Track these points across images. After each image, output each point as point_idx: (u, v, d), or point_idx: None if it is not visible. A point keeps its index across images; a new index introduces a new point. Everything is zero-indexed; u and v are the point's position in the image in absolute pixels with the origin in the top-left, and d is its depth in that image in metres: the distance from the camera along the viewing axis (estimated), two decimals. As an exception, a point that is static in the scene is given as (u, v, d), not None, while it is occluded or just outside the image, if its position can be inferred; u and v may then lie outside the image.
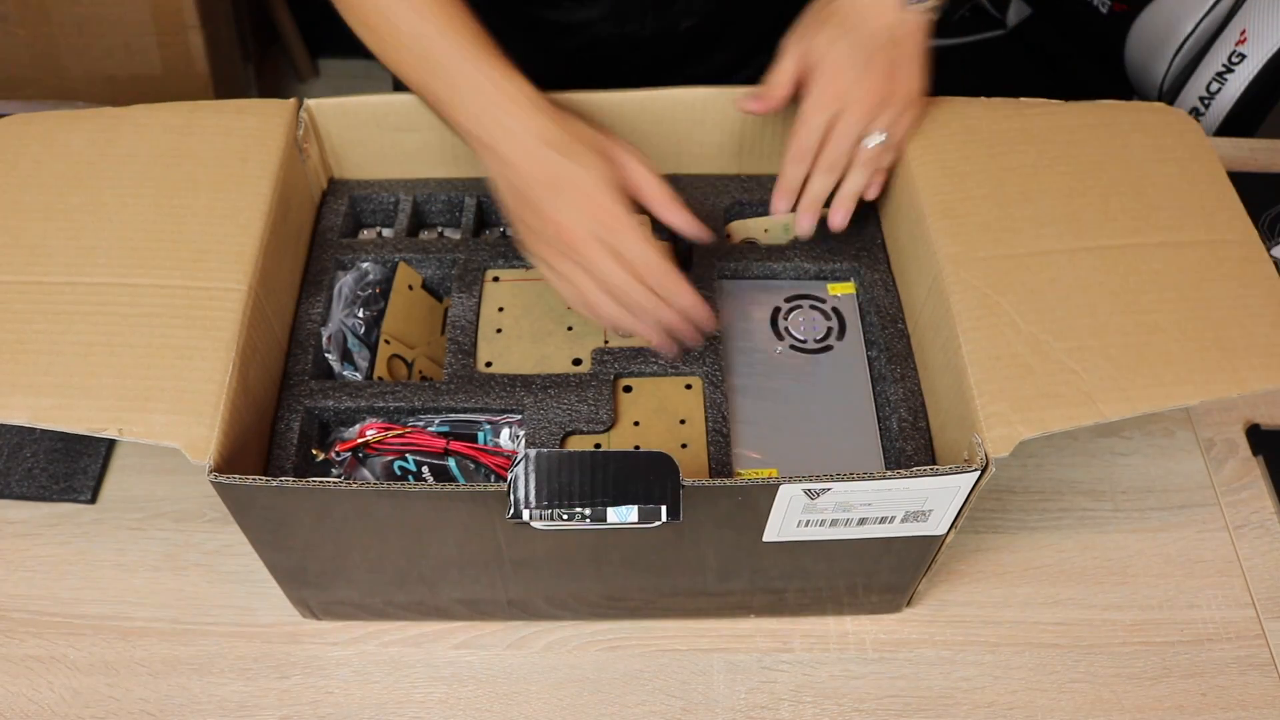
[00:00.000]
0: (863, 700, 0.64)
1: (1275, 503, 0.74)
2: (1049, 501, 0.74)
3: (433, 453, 0.62)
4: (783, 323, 0.68)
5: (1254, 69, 1.13)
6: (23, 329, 0.56)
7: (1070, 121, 0.67)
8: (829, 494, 0.52)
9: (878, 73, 0.63)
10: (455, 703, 0.63)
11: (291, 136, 0.67)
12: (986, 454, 0.52)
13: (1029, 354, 0.55)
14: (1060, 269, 0.59)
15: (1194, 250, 0.60)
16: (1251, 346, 0.56)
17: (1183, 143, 0.66)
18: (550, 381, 0.64)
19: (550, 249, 0.59)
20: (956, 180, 0.64)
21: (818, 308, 0.69)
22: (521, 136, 0.57)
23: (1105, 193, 0.63)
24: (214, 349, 0.55)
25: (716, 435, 0.63)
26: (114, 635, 0.66)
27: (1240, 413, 0.79)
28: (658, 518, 0.51)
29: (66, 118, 0.67)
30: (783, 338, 0.68)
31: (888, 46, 0.63)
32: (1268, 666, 0.66)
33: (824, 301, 0.70)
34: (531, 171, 0.57)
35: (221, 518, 0.67)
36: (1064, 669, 0.66)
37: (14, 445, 0.73)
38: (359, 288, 0.69)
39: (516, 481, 0.50)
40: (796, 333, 0.68)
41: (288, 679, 0.64)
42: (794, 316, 0.68)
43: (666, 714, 0.63)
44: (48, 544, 0.70)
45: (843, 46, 0.63)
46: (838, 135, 0.64)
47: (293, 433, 0.61)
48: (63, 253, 0.59)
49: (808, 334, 0.68)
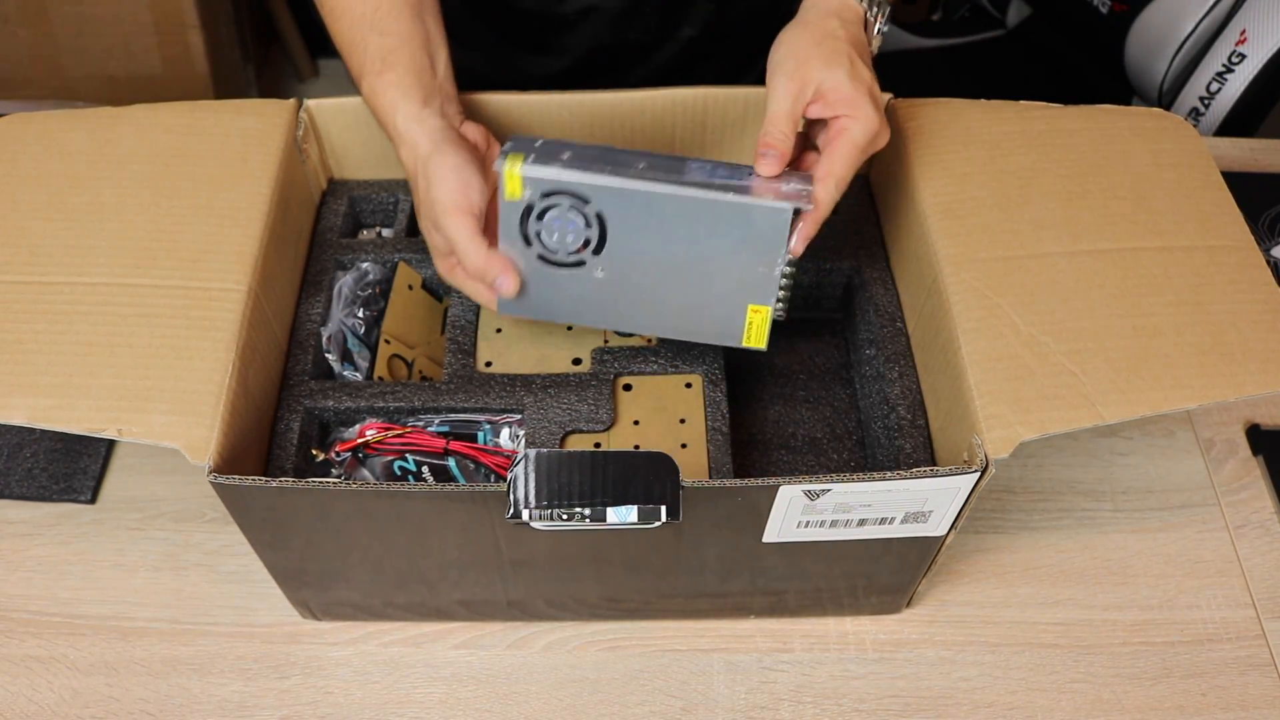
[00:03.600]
0: (863, 700, 0.64)
1: (1275, 503, 0.74)
2: (1049, 502, 0.74)
3: (433, 453, 0.62)
4: (534, 225, 0.58)
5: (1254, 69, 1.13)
6: (22, 329, 0.56)
7: (1070, 125, 0.67)
8: (829, 495, 0.52)
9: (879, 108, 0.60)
10: (455, 703, 0.63)
11: (291, 136, 0.67)
12: (986, 455, 0.52)
13: (1028, 355, 0.55)
14: (1060, 271, 0.59)
15: (1192, 255, 0.60)
16: (1249, 351, 0.56)
17: (1181, 149, 0.66)
18: (550, 381, 0.64)
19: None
20: (956, 181, 0.64)
21: (578, 209, 0.58)
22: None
23: (1104, 197, 0.63)
24: (214, 349, 0.55)
25: (716, 435, 0.63)
26: (114, 635, 0.66)
27: (1240, 413, 0.79)
28: (657, 518, 0.51)
29: (66, 118, 0.67)
30: (530, 243, 0.59)
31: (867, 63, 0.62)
32: (1268, 666, 0.66)
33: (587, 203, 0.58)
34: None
35: (221, 518, 0.67)
36: (1064, 669, 0.66)
37: (14, 445, 0.73)
38: (359, 288, 0.69)
39: (516, 481, 0.50)
40: (548, 240, 0.59)
41: (287, 679, 0.64)
42: (550, 218, 0.58)
43: (666, 714, 0.63)
44: (48, 544, 0.70)
45: (869, 83, 0.60)
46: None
47: (293, 433, 0.61)
48: (63, 253, 0.59)
49: (560, 243, 0.59)
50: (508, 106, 0.70)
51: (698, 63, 0.88)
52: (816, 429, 0.71)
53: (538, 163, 0.56)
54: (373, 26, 0.63)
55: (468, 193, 0.58)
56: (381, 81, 0.62)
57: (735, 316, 0.61)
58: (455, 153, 0.59)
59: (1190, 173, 0.65)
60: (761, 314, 0.61)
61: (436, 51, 0.65)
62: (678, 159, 0.59)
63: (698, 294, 0.60)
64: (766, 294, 0.60)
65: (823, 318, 0.75)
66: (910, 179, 0.65)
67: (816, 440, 0.70)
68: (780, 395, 0.72)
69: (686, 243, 0.58)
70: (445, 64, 0.65)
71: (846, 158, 0.58)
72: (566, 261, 0.59)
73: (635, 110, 0.71)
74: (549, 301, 0.62)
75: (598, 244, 0.58)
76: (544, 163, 0.56)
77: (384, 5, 0.63)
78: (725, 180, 0.57)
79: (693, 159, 0.59)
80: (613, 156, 0.58)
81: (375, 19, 0.63)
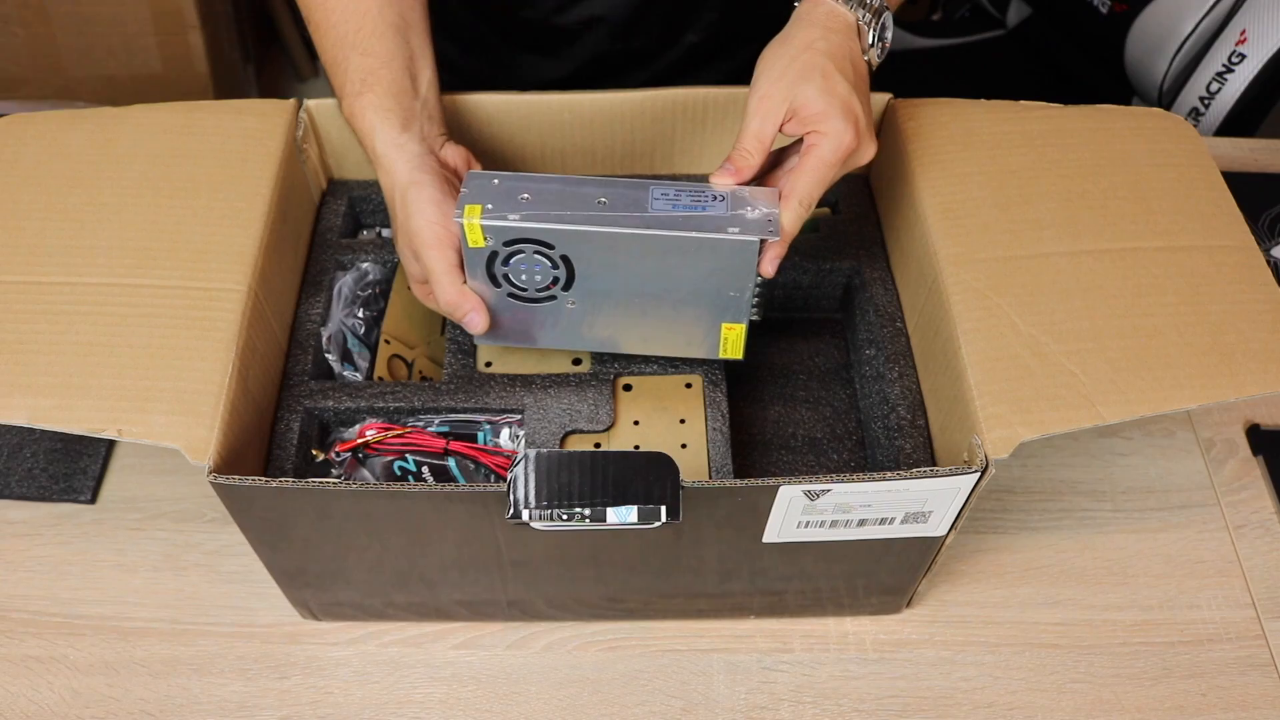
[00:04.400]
0: (863, 700, 0.64)
1: (1275, 503, 0.74)
2: (1049, 502, 0.74)
3: (433, 453, 0.62)
4: (500, 268, 0.58)
5: (1254, 69, 1.13)
6: (23, 329, 0.56)
7: (1069, 125, 0.67)
8: (829, 495, 0.52)
9: (870, 131, 0.59)
10: (455, 703, 0.63)
11: (291, 137, 0.67)
12: (986, 455, 0.52)
13: (1029, 356, 0.56)
14: (1060, 271, 0.59)
15: (1192, 255, 0.60)
16: (1249, 351, 0.56)
17: (1181, 149, 0.66)
18: (550, 381, 0.64)
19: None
20: (957, 181, 0.64)
21: (542, 253, 0.57)
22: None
23: (1104, 197, 0.63)
24: (214, 349, 0.55)
25: (716, 435, 0.63)
26: (114, 635, 0.66)
27: (1240, 413, 0.79)
28: (657, 518, 0.51)
29: (66, 118, 0.67)
30: (499, 285, 0.59)
31: (865, 90, 0.60)
32: (1268, 666, 0.66)
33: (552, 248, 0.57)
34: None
35: (221, 518, 0.67)
36: (1064, 669, 0.66)
37: (14, 445, 0.73)
38: (359, 288, 0.69)
39: (516, 481, 0.50)
40: (516, 280, 0.59)
41: (287, 679, 0.64)
42: (515, 262, 0.58)
43: (666, 714, 0.63)
44: (48, 544, 0.70)
45: (844, 96, 0.57)
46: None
47: (293, 433, 0.61)
48: (63, 253, 0.59)
49: (529, 281, 0.59)
50: (508, 106, 0.70)
51: (700, 67, 0.88)
52: (816, 429, 0.71)
53: (496, 212, 0.56)
54: (355, 46, 0.62)
55: (447, 224, 0.58)
56: (360, 103, 0.61)
57: (710, 334, 0.62)
58: (434, 184, 0.59)
59: (1190, 173, 0.65)
60: (736, 330, 0.61)
61: (420, 72, 0.64)
62: (640, 186, 0.57)
63: (671, 316, 0.61)
64: (739, 314, 0.60)
65: (823, 318, 0.76)
66: (910, 179, 0.65)
67: (816, 440, 0.70)
68: (780, 395, 0.72)
69: (655, 275, 0.58)
70: (429, 84, 0.64)
71: (812, 175, 0.57)
72: (537, 298, 0.60)
73: (635, 110, 0.71)
74: (524, 332, 0.63)
75: (565, 282, 0.59)
76: (502, 211, 0.56)
77: (367, 25, 0.62)
78: (689, 212, 0.56)
79: (655, 184, 0.58)
80: (572, 193, 0.57)
81: (358, 39, 0.62)
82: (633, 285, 0.59)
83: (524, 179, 0.58)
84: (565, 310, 0.60)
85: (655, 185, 0.58)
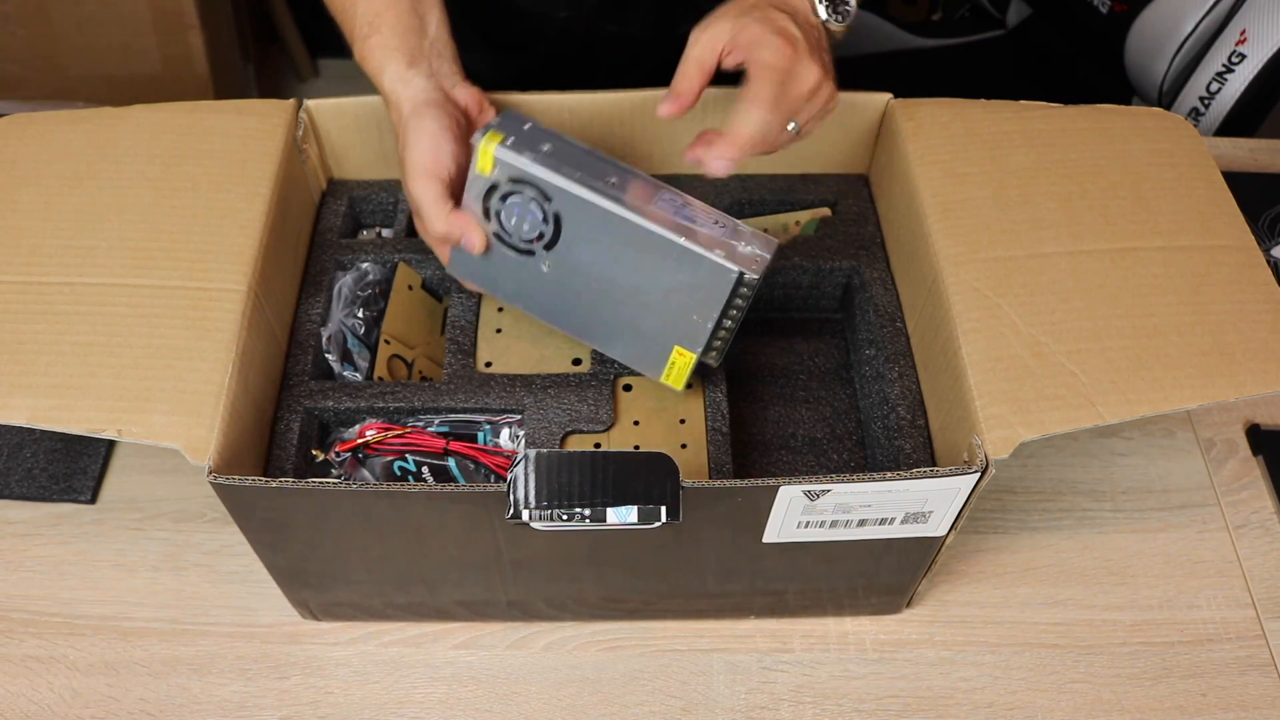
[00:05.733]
0: (863, 700, 0.64)
1: (1275, 503, 0.74)
2: (1049, 502, 0.74)
3: (432, 453, 0.62)
4: (496, 203, 0.59)
5: (1254, 69, 1.12)
6: (22, 329, 0.56)
7: (1070, 125, 0.67)
8: (829, 495, 0.52)
9: (816, 58, 0.60)
10: (455, 703, 0.63)
11: (291, 137, 0.67)
12: (986, 455, 0.52)
13: (1029, 356, 0.55)
14: (1060, 271, 0.59)
15: (1192, 255, 0.60)
16: (1250, 351, 0.56)
17: (1181, 148, 0.66)
18: (550, 381, 0.64)
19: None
20: (957, 181, 0.64)
21: (539, 203, 0.58)
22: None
23: (1104, 197, 0.63)
24: (213, 350, 0.55)
25: (716, 435, 0.63)
26: (114, 635, 0.66)
27: (1240, 413, 0.79)
28: (657, 518, 0.51)
29: (66, 118, 0.67)
30: (489, 219, 0.60)
31: (815, 38, 0.61)
32: (1268, 666, 0.66)
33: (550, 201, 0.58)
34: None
35: (221, 518, 0.67)
36: (1064, 669, 0.66)
37: (14, 445, 0.73)
38: (359, 288, 0.69)
39: (516, 481, 0.50)
40: (506, 221, 0.59)
41: (287, 679, 0.64)
42: (511, 202, 0.58)
43: (666, 714, 0.63)
44: (48, 544, 0.70)
45: (781, 24, 0.59)
46: (789, 107, 0.59)
47: (292, 433, 0.61)
48: (63, 253, 0.59)
49: (516, 228, 0.59)
50: (509, 106, 0.70)
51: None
52: (816, 429, 0.71)
53: (514, 148, 0.56)
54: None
55: (438, 157, 0.59)
56: (368, 45, 0.62)
57: (660, 352, 0.62)
58: (435, 117, 0.60)
59: (1190, 173, 0.65)
60: (686, 358, 0.61)
61: (427, 12, 0.64)
62: (654, 185, 0.58)
63: (631, 318, 0.61)
64: (695, 342, 0.60)
65: (823, 318, 0.75)
66: (910, 179, 0.65)
67: (816, 441, 0.70)
68: (780, 395, 0.72)
69: (631, 269, 0.58)
70: (438, 24, 0.65)
71: (761, 82, 0.57)
72: (518, 246, 0.60)
73: (635, 110, 0.71)
74: (492, 278, 0.63)
75: (550, 241, 0.59)
76: (520, 150, 0.56)
77: None
78: (686, 222, 0.57)
79: (669, 190, 0.58)
80: (590, 163, 0.57)
81: None
82: (608, 271, 0.59)
83: (554, 135, 0.58)
84: (538, 272, 0.61)
85: (669, 190, 0.58)
